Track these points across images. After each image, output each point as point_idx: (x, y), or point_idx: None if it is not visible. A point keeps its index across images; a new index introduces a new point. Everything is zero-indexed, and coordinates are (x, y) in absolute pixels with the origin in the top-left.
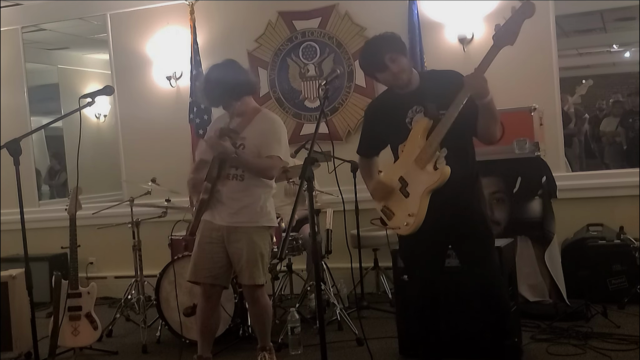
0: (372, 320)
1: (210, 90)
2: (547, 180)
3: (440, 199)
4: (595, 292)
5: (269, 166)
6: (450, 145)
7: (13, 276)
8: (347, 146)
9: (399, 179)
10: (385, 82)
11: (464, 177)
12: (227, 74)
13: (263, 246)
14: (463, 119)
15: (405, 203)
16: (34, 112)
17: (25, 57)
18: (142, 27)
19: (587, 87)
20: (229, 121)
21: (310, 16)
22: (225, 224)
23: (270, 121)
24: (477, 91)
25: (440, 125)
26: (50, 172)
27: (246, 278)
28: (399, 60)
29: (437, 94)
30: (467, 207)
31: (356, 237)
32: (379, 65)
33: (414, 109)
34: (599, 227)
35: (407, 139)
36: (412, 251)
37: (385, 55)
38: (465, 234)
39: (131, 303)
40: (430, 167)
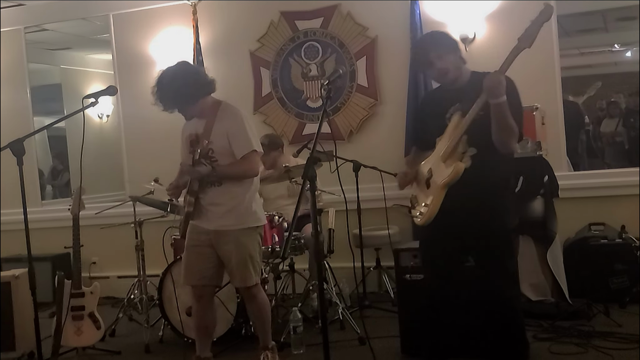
0: (374, 319)
1: (163, 96)
2: (549, 180)
3: (461, 199)
4: (597, 291)
5: (248, 167)
6: (479, 145)
7: (16, 276)
8: (350, 146)
9: (428, 170)
10: (433, 78)
11: (490, 178)
12: (177, 79)
13: (252, 247)
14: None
15: (425, 194)
16: (36, 112)
17: (28, 57)
18: (144, 28)
19: (595, 89)
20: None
21: (313, 16)
22: (212, 228)
23: (231, 117)
24: (490, 89)
25: (463, 122)
26: (53, 172)
27: (237, 281)
28: (444, 58)
29: (479, 94)
30: (489, 211)
31: (358, 236)
32: (426, 62)
33: (456, 106)
34: (600, 226)
35: (444, 133)
36: (429, 246)
37: (430, 53)
38: (482, 240)
39: (134, 303)
40: (451, 162)
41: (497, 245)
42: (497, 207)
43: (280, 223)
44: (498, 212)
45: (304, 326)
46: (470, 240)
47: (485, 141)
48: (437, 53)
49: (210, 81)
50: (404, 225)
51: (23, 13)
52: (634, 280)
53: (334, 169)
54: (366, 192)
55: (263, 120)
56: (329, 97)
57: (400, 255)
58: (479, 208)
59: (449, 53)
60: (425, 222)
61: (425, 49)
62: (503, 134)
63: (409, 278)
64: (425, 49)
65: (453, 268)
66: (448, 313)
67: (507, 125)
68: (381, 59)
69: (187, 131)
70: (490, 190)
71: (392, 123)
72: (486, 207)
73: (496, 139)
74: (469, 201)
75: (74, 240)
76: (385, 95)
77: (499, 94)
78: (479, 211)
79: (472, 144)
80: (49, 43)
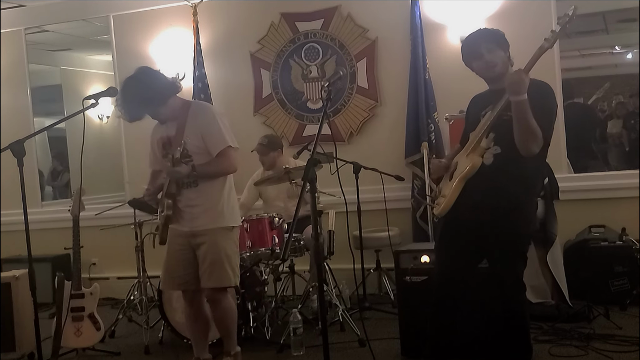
0: (374, 321)
1: (128, 105)
2: (549, 182)
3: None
4: (597, 294)
5: (227, 164)
6: (505, 145)
7: (16, 277)
8: (350, 147)
9: (455, 163)
10: (479, 71)
11: (510, 183)
12: (141, 85)
13: (228, 247)
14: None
15: (447, 185)
16: (36, 113)
17: (28, 58)
18: (145, 29)
19: (604, 91)
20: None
21: (313, 17)
22: (188, 229)
23: (201, 114)
24: (511, 85)
25: (486, 118)
26: (52, 173)
27: (207, 280)
28: (495, 52)
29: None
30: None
31: (358, 238)
32: (475, 53)
33: (492, 105)
34: (601, 228)
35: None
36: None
37: (482, 45)
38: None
39: (134, 304)
40: (472, 155)
41: (514, 250)
42: (517, 210)
43: (281, 225)
44: (517, 215)
45: (304, 328)
46: (487, 242)
47: (511, 141)
48: (487, 46)
49: (173, 81)
50: (404, 227)
51: (23, 14)
52: (634, 282)
53: (334, 171)
54: (366, 193)
55: (263, 122)
56: (329, 99)
57: (401, 257)
58: (499, 209)
59: (499, 49)
60: (440, 213)
61: (477, 40)
62: (522, 135)
63: (409, 280)
64: (477, 40)
65: (465, 268)
66: (451, 314)
67: (528, 126)
68: (381, 61)
69: (158, 134)
70: (512, 191)
71: (392, 125)
72: (506, 209)
73: (517, 139)
74: (488, 200)
75: (74, 241)
76: (385, 97)
77: (519, 91)
78: (499, 214)
79: (498, 143)
80: (50, 44)
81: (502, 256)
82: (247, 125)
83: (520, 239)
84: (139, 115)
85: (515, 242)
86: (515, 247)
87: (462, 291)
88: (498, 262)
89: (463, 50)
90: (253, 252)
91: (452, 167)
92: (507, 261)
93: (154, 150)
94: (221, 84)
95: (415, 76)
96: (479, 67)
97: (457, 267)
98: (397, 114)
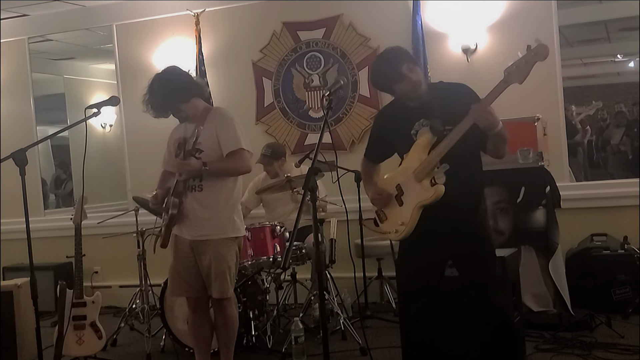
0: (375, 329)
1: (154, 99)
2: (551, 190)
3: (439, 214)
4: (599, 302)
5: (240, 163)
6: (453, 161)
7: (18, 285)
8: (351, 156)
9: (396, 186)
10: (402, 92)
11: (466, 193)
12: (167, 79)
13: (230, 258)
14: (468, 138)
15: (398, 211)
16: (40, 121)
17: (31, 67)
18: (147, 38)
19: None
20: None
21: (315, 27)
22: (191, 237)
23: (219, 117)
24: (486, 125)
25: (442, 145)
26: (56, 181)
27: (216, 291)
28: (415, 71)
29: (445, 108)
30: (468, 226)
31: (360, 246)
32: (397, 75)
33: (421, 122)
34: (603, 237)
35: (410, 149)
36: (409, 265)
37: (402, 65)
38: (465, 253)
39: (135, 312)
40: (426, 182)
41: (484, 255)
42: (475, 219)
43: (282, 233)
44: (476, 223)
45: (305, 336)
46: (450, 254)
47: (458, 156)
48: (408, 65)
49: (200, 83)
50: None
51: (27, 23)
52: (636, 291)
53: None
54: (368, 202)
55: (265, 130)
56: (330, 108)
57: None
58: (458, 221)
59: (416, 65)
60: (401, 239)
61: (394, 62)
62: (500, 145)
63: None
64: (394, 61)
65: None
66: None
67: (505, 138)
68: None
69: (176, 135)
70: (466, 202)
71: None
72: (465, 220)
73: (494, 152)
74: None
75: (76, 249)
76: None
77: (494, 124)
78: (459, 224)
79: (445, 160)
80: (53, 53)
81: (469, 266)
82: (249, 134)
83: (487, 242)
84: (163, 111)
85: (483, 246)
86: (484, 251)
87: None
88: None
89: (379, 73)
90: (255, 260)
91: (391, 190)
92: (480, 268)
93: (169, 151)
94: (223, 92)
95: None
96: (403, 88)
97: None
98: None
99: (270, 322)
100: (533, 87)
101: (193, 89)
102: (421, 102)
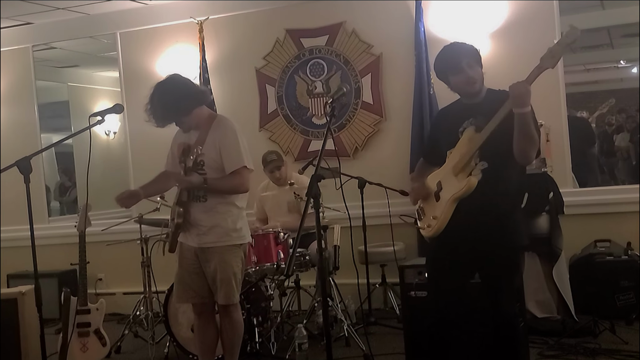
0: (379, 336)
1: (155, 111)
2: (554, 196)
3: (470, 215)
4: (603, 308)
5: (239, 182)
6: (491, 160)
7: (22, 292)
8: (354, 162)
9: (437, 183)
10: (456, 86)
11: (500, 197)
12: (167, 91)
13: (235, 265)
14: (508, 141)
15: (434, 206)
16: (44, 129)
17: (35, 74)
18: (151, 45)
19: (608, 106)
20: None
21: (318, 34)
22: (196, 245)
23: (223, 130)
24: (516, 98)
25: (479, 136)
26: (60, 189)
27: (222, 298)
28: (475, 68)
29: (494, 110)
30: (497, 232)
31: (363, 253)
32: (455, 68)
33: (470, 121)
34: (606, 243)
35: (455, 146)
36: (435, 261)
37: (463, 59)
38: (489, 259)
39: (139, 319)
40: (462, 175)
41: (506, 263)
42: (508, 224)
43: (286, 240)
44: (509, 229)
45: (309, 343)
46: (478, 256)
47: (498, 155)
48: (468, 61)
49: (203, 91)
50: (409, 242)
51: (31, 31)
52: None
53: (339, 186)
54: (371, 208)
55: (268, 137)
56: (333, 115)
57: (406, 271)
58: (490, 224)
59: (478, 65)
60: (433, 235)
61: (457, 55)
62: (526, 144)
63: (415, 295)
64: (457, 54)
65: (458, 284)
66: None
67: (531, 136)
68: (386, 76)
69: (179, 140)
70: (502, 205)
71: (397, 140)
72: (497, 224)
73: (518, 149)
74: (479, 216)
75: (80, 256)
76: (390, 112)
77: (525, 102)
78: (490, 227)
79: (484, 158)
80: (57, 61)
81: (495, 270)
82: (252, 141)
83: (514, 252)
84: (164, 123)
85: (509, 255)
86: (508, 260)
87: (459, 308)
88: (491, 277)
89: (440, 62)
90: (258, 267)
91: (429, 187)
92: (501, 275)
93: (172, 152)
94: (227, 99)
95: (420, 91)
96: (458, 81)
97: (451, 285)
98: (401, 129)
99: (274, 328)
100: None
101: (195, 100)
102: (475, 102)
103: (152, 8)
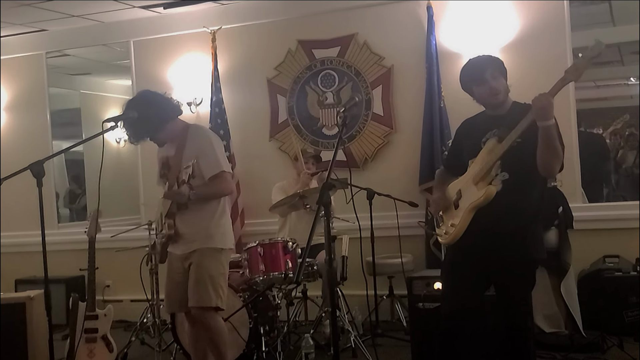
0: (386, 348)
1: (127, 128)
2: (564, 211)
3: (491, 221)
4: (611, 324)
5: (224, 185)
6: (513, 172)
7: (31, 297)
8: (364, 173)
9: (457, 191)
10: (480, 97)
11: (518, 210)
12: (138, 109)
13: (213, 267)
14: (531, 153)
15: (453, 213)
16: (55, 136)
17: (48, 81)
18: (164, 54)
19: (623, 122)
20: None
21: (330, 45)
22: (181, 252)
23: (198, 139)
24: (539, 110)
25: (500, 146)
26: (70, 196)
27: (193, 299)
28: (499, 79)
29: (518, 122)
30: (518, 240)
31: (371, 264)
32: (479, 79)
33: (493, 132)
34: (615, 258)
35: (477, 156)
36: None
37: (487, 70)
38: (507, 266)
39: (146, 326)
40: (482, 184)
41: (523, 275)
42: (527, 236)
43: (294, 249)
44: (527, 240)
45: (315, 353)
46: (495, 267)
47: (520, 167)
48: (492, 72)
49: (175, 105)
50: (417, 254)
51: (45, 38)
52: None
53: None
54: (380, 219)
55: (279, 147)
56: (344, 125)
57: (413, 283)
58: (509, 235)
59: (502, 76)
60: (450, 241)
61: (482, 66)
62: (548, 157)
63: (422, 306)
64: (482, 65)
65: (473, 292)
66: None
67: (555, 148)
68: (397, 88)
69: (159, 154)
70: (522, 217)
71: (407, 152)
72: (516, 235)
73: (543, 162)
74: (498, 226)
75: (90, 262)
76: (400, 124)
77: (548, 115)
78: (508, 238)
79: (506, 169)
80: (70, 68)
81: (510, 282)
82: (262, 150)
83: (531, 265)
84: (139, 140)
85: (525, 267)
86: (524, 272)
87: (470, 319)
88: (506, 288)
89: (465, 74)
90: (266, 276)
91: (449, 196)
92: (516, 287)
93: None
94: (238, 109)
95: (430, 104)
96: (482, 92)
97: (466, 294)
98: (411, 141)
99: (280, 338)
100: None
101: (164, 116)
102: (499, 114)
103: (166, 17)
